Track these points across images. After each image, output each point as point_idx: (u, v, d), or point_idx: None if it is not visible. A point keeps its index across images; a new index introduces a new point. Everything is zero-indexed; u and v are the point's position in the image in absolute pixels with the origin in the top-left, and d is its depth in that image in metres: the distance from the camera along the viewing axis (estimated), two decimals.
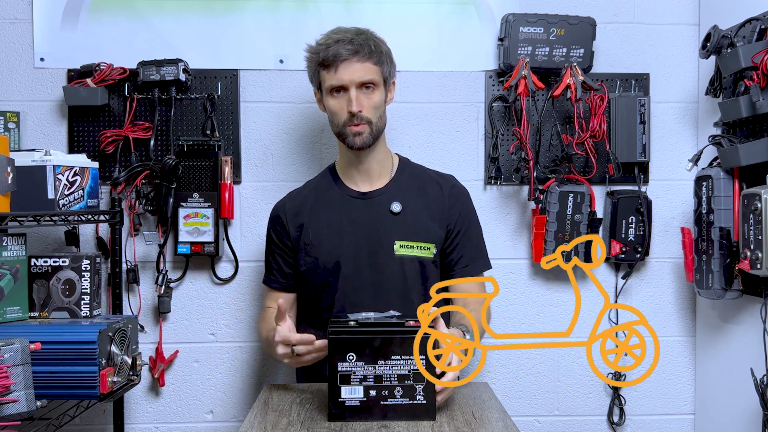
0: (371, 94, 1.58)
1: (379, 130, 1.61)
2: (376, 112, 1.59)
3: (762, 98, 1.54)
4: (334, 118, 1.61)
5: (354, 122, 1.57)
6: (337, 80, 1.56)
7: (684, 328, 2.02)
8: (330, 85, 1.58)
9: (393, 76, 1.67)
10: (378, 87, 1.59)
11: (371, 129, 1.58)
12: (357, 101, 1.55)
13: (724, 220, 1.66)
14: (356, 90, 1.56)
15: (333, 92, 1.58)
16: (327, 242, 1.62)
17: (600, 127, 1.87)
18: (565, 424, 2.01)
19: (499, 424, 1.26)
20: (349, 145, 1.60)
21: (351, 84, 1.56)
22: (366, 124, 1.58)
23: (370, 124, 1.58)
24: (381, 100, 1.60)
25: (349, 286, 1.61)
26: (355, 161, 1.65)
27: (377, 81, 1.59)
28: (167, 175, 1.84)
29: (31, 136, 1.93)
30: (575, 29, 1.88)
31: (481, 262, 1.70)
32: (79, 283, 1.69)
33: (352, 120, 1.57)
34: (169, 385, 1.97)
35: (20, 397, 1.27)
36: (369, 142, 1.60)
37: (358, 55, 1.55)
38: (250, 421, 1.27)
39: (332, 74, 1.56)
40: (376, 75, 1.58)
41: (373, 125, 1.59)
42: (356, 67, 1.55)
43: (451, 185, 1.71)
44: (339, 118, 1.59)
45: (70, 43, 1.92)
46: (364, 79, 1.56)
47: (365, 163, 1.65)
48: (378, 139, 1.63)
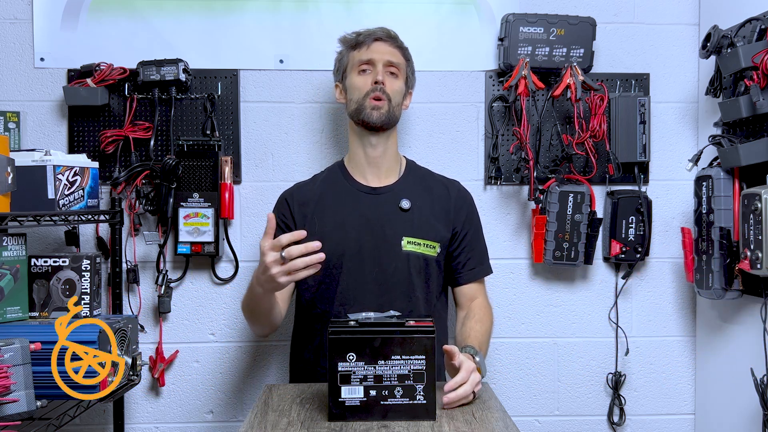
0: (395, 79, 1.66)
1: (394, 116, 1.65)
2: (396, 96, 1.65)
3: (762, 98, 1.54)
4: (356, 92, 1.65)
5: (376, 93, 1.61)
6: (368, 55, 1.65)
7: (684, 328, 2.02)
8: (359, 60, 1.65)
9: (412, 85, 1.75)
10: (401, 76, 1.68)
11: (389, 108, 1.63)
12: (383, 74, 1.63)
13: (724, 220, 1.66)
14: (383, 68, 1.64)
15: (360, 69, 1.65)
16: (332, 234, 1.62)
17: (600, 127, 1.87)
18: (565, 424, 2.01)
19: (499, 424, 1.26)
20: (366, 119, 1.62)
21: (379, 61, 1.64)
22: (386, 101, 1.62)
23: (389, 102, 1.62)
24: (402, 89, 1.68)
25: (352, 280, 1.61)
26: (368, 149, 1.66)
27: (402, 69, 1.68)
28: (167, 175, 1.84)
29: (31, 136, 1.93)
30: (575, 29, 1.88)
31: (486, 266, 1.73)
32: (79, 283, 1.69)
33: (374, 90, 1.61)
34: (169, 385, 1.97)
35: (20, 397, 1.27)
36: (384, 119, 1.62)
37: (391, 40, 1.67)
38: (250, 421, 1.26)
39: (363, 50, 1.66)
40: (402, 63, 1.68)
41: (391, 105, 1.63)
42: (387, 48, 1.66)
43: (457, 189, 1.74)
44: (361, 91, 1.63)
45: (70, 43, 1.92)
46: (393, 59, 1.65)
47: (376, 151, 1.67)
48: (392, 126, 1.66)
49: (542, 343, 2.01)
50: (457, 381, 1.33)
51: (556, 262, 1.89)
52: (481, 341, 1.55)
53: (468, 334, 1.57)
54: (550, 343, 2.01)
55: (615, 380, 1.97)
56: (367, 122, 1.61)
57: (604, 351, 2.00)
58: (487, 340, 1.62)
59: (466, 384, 1.33)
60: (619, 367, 1.99)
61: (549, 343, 2.01)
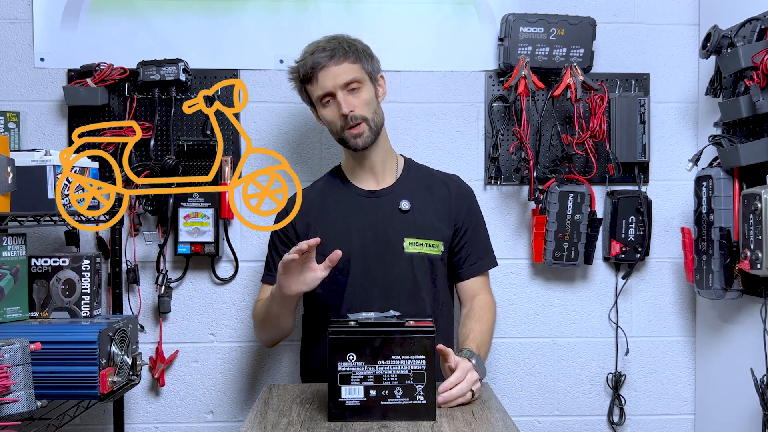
0: (358, 93, 1.59)
1: (377, 126, 1.62)
2: (368, 109, 1.59)
3: (762, 98, 1.54)
4: (331, 126, 1.62)
5: (350, 124, 1.57)
6: (321, 89, 1.57)
7: (684, 328, 2.01)
8: (317, 96, 1.59)
9: (378, 70, 1.66)
10: (363, 84, 1.60)
11: (369, 126, 1.59)
12: (346, 103, 1.56)
13: (724, 220, 1.66)
14: (342, 92, 1.57)
15: (323, 102, 1.59)
16: (336, 241, 1.61)
17: (600, 127, 1.87)
18: (565, 424, 2.01)
19: (499, 424, 1.26)
20: (353, 148, 1.61)
21: (335, 88, 1.56)
22: (363, 123, 1.58)
23: (367, 121, 1.59)
24: (371, 96, 1.61)
25: (359, 285, 1.61)
26: (361, 160, 1.66)
27: (360, 78, 1.59)
28: (167, 175, 1.84)
29: (31, 136, 1.93)
30: (575, 29, 1.88)
31: (489, 260, 1.72)
32: (79, 283, 1.69)
33: (347, 122, 1.57)
34: (169, 385, 1.97)
35: (20, 397, 1.27)
36: (370, 140, 1.60)
37: (334, 59, 1.56)
38: (250, 421, 1.27)
39: (315, 85, 1.58)
40: (357, 73, 1.58)
41: (370, 122, 1.59)
42: (335, 71, 1.56)
43: (457, 185, 1.72)
44: (335, 125, 1.60)
45: (70, 43, 1.92)
46: (346, 79, 1.57)
47: (370, 161, 1.66)
48: (379, 135, 1.63)
49: (542, 343, 2.01)
50: (452, 381, 1.33)
51: (556, 262, 1.89)
52: (480, 341, 1.55)
53: (467, 335, 1.57)
54: (550, 343, 2.01)
55: (615, 380, 1.97)
56: (355, 149, 1.61)
57: (604, 351, 2.00)
58: (488, 339, 1.61)
59: (462, 383, 1.33)
60: (619, 367, 1.99)
61: (549, 343, 2.01)
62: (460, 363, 1.36)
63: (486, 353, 1.57)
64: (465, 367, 1.36)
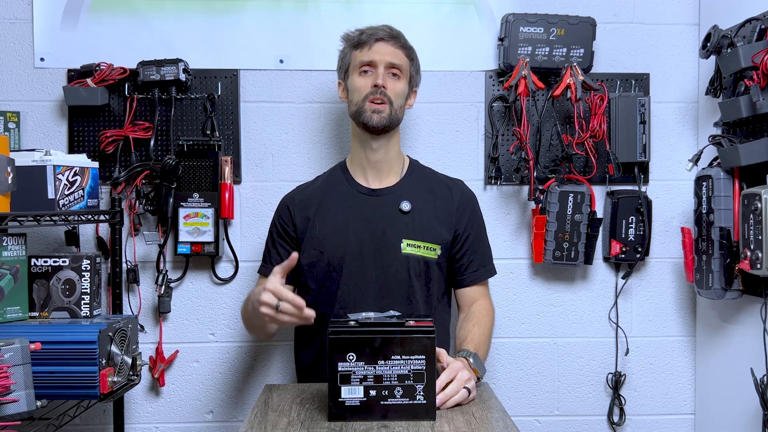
0: (397, 80, 1.63)
1: (396, 119, 1.63)
2: (397, 98, 1.62)
3: (762, 98, 1.54)
4: (356, 94, 1.62)
5: (376, 96, 1.59)
6: (369, 56, 1.61)
7: (684, 328, 2.02)
8: (360, 61, 1.62)
9: (417, 83, 1.72)
10: (403, 77, 1.64)
11: (390, 111, 1.60)
12: (383, 78, 1.60)
13: (724, 220, 1.66)
14: (384, 69, 1.61)
15: (361, 71, 1.62)
16: (333, 237, 1.61)
17: (600, 127, 1.87)
18: (565, 424, 2.01)
19: (499, 424, 1.26)
20: (366, 122, 1.60)
21: (381, 62, 1.61)
22: (387, 104, 1.60)
23: (391, 105, 1.60)
24: (404, 91, 1.65)
25: (353, 283, 1.61)
26: (368, 152, 1.65)
27: (405, 70, 1.64)
28: (167, 175, 1.84)
29: (31, 136, 1.93)
30: (575, 29, 1.88)
31: (490, 268, 1.72)
32: (79, 283, 1.69)
33: (374, 93, 1.59)
34: (169, 385, 1.97)
35: (20, 397, 1.27)
36: (385, 123, 1.60)
37: (394, 40, 1.63)
38: (250, 421, 1.27)
39: (365, 51, 1.62)
40: (405, 64, 1.64)
41: (392, 108, 1.61)
42: (389, 49, 1.62)
43: (460, 190, 1.72)
44: (361, 93, 1.61)
45: (70, 43, 1.92)
46: (395, 61, 1.62)
47: (377, 154, 1.65)
48: (393, 128, 1.64)
49: (542, 343, 2.01)
50: (442, 380, 1.33)
51: (556, 262, 1.89)
52: (478, 342, 1.55)
53: (464, 338, 1.56)
54: (550, 343, 2.01)
55: (615, 380, 1.97)
56: (367, 125, 1.60)
57: (604, 351, 2.00)
58: (486, 341, 1.61)
59: (453, 382, 1.33)
60: (619, 367, 1.99)
61: (549, 343, 2.01)
62: (450, 363, 1.36)
63: (485, 354, 1.57)
64: (454, 366, 1.36)
